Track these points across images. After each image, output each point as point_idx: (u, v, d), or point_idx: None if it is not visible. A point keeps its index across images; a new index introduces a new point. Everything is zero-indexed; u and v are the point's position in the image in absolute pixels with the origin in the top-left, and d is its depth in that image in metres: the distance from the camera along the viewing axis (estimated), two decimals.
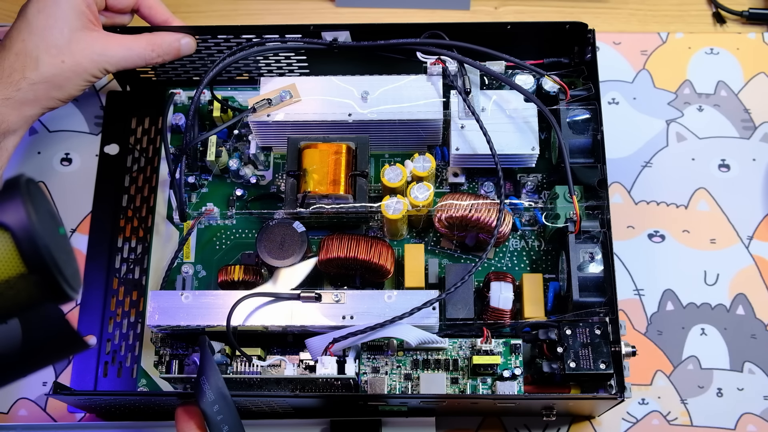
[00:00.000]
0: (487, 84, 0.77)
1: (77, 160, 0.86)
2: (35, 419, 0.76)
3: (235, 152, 0.79)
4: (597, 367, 0.66)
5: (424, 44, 0.75)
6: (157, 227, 0.79)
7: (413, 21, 0.88)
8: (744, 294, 0.79)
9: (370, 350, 0.71)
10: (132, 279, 0.79)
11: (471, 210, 0.71)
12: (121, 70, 0.73)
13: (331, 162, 0.73)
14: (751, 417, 0.76)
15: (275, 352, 0.74)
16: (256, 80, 0.82)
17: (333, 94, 0.75)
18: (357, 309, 0.68)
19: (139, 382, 0.75)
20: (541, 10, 0.93)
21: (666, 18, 0.93)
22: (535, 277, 0.72)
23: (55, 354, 0.52)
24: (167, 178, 0.78)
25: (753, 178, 0.84)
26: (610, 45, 0.89)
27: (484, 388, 0.71)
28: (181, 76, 0.84)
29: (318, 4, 0.93)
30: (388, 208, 0.72)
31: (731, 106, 0.87)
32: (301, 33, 0.77)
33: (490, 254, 0.76)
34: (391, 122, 0.75)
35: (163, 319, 0.69)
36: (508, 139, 0.73)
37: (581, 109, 0.74)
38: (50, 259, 0.43)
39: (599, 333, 0.67)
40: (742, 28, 0.91)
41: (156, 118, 0.85)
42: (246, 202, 0.79)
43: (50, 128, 0.87)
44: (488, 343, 0.70)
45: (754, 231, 0.82)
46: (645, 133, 0.86)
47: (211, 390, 0.61)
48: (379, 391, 0.69)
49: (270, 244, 0.72)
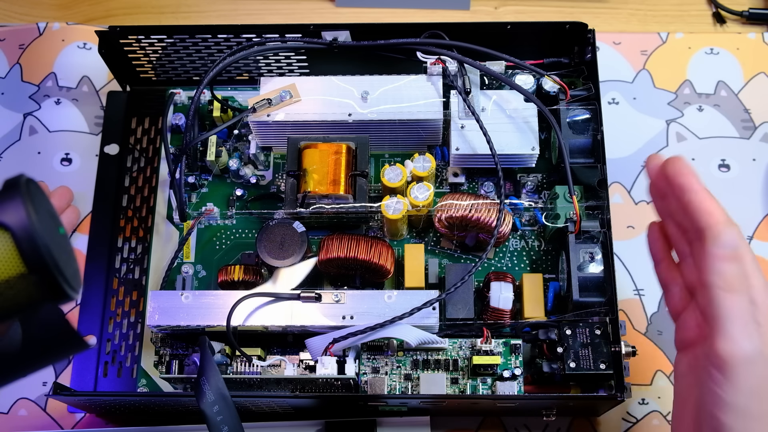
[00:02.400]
0: (487, 84, 0.77)
1: (77, 160, 0.86)
2: (35, 419, 0.76)
3: (235, 152, 0.79)
4: (597, 367, 0.66)
5: (424, 44, 0.75)
6: (157, 227, 0.79)
7: (413, 21, 0.88)
8: None
9: (370, 350, 0.71)
10: (132, 279, 0.79)
11: (471, 210, 0.71)
12: None
13: (331, 162, 0.73)
14: None
15: (275, 352, 0.74)
16: (256, 80, 0.82)
17: (333, 94, 0.75)
18: (357, 309, 0.68)
19: (139, 383, 0.75)
20: (541, 10, 0.93)
21: (666, 18, 0.93)
22: (535, 277, 0.72)
23: (55, 354, 0.52)
24: (167, 178, 0.78)
25: (753, 178, 0.84)
26: (610, 45, 0.89)
27: (484, 388, 0.71)
28: (181, 76, 0.84)
29: (318, 4, 0.93)
30: (388, 208, 0.72)
31: (731, 106, 0.86)
32: (301, 33, 0.77)
33: (490, 254, 0.76)
34: (391, 122, 0.75)
35: (163, 319, 0.69)
36: (508, 139, 0.73)
37: (581, 109, 0.74)
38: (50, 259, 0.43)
39: (599, 333, 0.67)
40: (742, 28, 0.91)
41: (156, 118, 0.84)
42: (246, 202, 0.79)
43: (50, 128, 0.87)
44: (488, 343, 0.70)
45: (754, 231, 0.82)
46: (645, 133, 0.86)
47: (211, 390, 0.61)
48: (379, 392, 0.69)
49: (270, 244, 0.72)
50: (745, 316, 0.52)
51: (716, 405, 0.52)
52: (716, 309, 0.52)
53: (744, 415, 0.52)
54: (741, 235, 0.53)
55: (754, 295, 0.52)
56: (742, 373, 0.51)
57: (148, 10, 0.94)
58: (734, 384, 0.52)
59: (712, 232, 0.53)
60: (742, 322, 0.52)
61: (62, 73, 0.89)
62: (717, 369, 0.52)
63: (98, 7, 0.94)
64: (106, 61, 0.81)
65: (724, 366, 0.52)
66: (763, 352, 0.52)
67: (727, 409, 0.52)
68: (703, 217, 0.54)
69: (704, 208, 0.54)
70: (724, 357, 0.52)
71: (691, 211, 0.55)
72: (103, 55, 0.79)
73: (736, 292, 0.52)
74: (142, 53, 0.80)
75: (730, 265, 0.52)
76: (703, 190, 0.55)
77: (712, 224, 0.53)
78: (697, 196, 0.54)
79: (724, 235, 0.52)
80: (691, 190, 0.55)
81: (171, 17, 0.93)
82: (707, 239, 0.53)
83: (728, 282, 0.52)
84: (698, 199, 0.54)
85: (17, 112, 0.88)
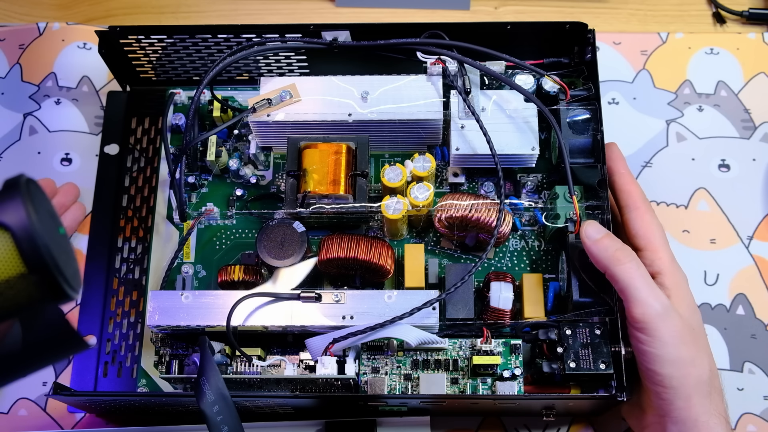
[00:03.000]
0: (487, 84, 0.77)
1: (77, 160, 0.86)
2: (35, 419, 0.76)
3: (235, 152, 0.79)
4: (597, 367, 0.66)
5: (424, 44, 0.75)
6: (157, 227, 0.79)
7: (413, 21, 0.88)
8: (744, 294, 0.79)
9: (370, 350, 0.71)
10: (132, 279, 0.79)
11: (471, 210, 0.71)
12: None
13: (331, 162, 0.73)
14: (751, 417, 0.76)
15: (275, 352, 0.74)
16: (256, 80, 0.82)
17: (333, 94, 0.75)
18: (357, 309, 0.68)
19: (139, 382, 0.75)
20: (541, 10, 0.93)
21: (666, 18, 0.93)
22: (535, 277, 0.72)
23: (55, 354, 0.52)
24: (167, 178, 0.78)
25: (753, 178, 0.84)
26: (610, 45, 0.89)
27: (484, 388, 0.71)
28: (181, 76, 0.84)
29: (318, 4, 0.93)
30: (388, 208, 0.72)
31: (731, 106, 0.86)
32: (301, 33, 0.77)
33: (490, 254, 0.76)
34: (391, 122, 0.75)
35: (163, 319, 0.69)
36: (508, 139, 0.73)
37: (581, 109, 0.74)
38: (50, 259, 0.43)
39: (599, 333, 0.67)
40: (742, 28, 0.91)
41: (156, 118, 0.84)
42: (246, 202, 0.79)
43: (50, 128, 0.87)
44: (488, 343, 0.70)
45: (754, 231, 0.82)
46: (645, 133, 0.86)
47: (211, 390, 0.61)
48: (379, 392, 0.69)
49: (270, 244, 0.72)
50: (648, 281, 0.62)
51: (650, 361, 0.62)
52: (619, 282, 0.63)
53: (675, 362, 0.61)
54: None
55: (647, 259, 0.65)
56: (660, 327, 0.61)
57: (148, 10, 0.94)
58: (657, 338, 0.61)
59: (581, 231, 0.66)
60: (648, 288, 0.62)
61: (62, 73, 0.89)
62: (639, 331, 0.62)
63: (98, 7, 0.94)
64: (106, 61, 0.81)
65: (644, 326, 0.61)
66: (673, 307, 0.63)
67: (659, 360, 0.61)
68: (623, 197, 0.70)
69: (626, 189, 0.70)
70: (641, 319, 0.61)
71: (616, 192, 0.70)
72: (103, 55, 0.79)
73: (625, 263, 0.63)
74: (142, 53, 0.80)
75: (603, 244, 0.64)
76: (627, 173, 0.70)
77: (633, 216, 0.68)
78: (620, 178, 0.70)
79: (589, 228, 0.66)
80: (614, 172, 0.70)
81: (171, 17, 0.93)
82: (582, 239, 0.66)
83: (612, 257, 0.63)
84: (622, 181, 0.70)
85: (17, 112, 0.88)
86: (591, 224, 0.66)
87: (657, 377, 0.62)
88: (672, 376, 0.62)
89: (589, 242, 0.65)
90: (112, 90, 0.87)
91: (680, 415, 0.62)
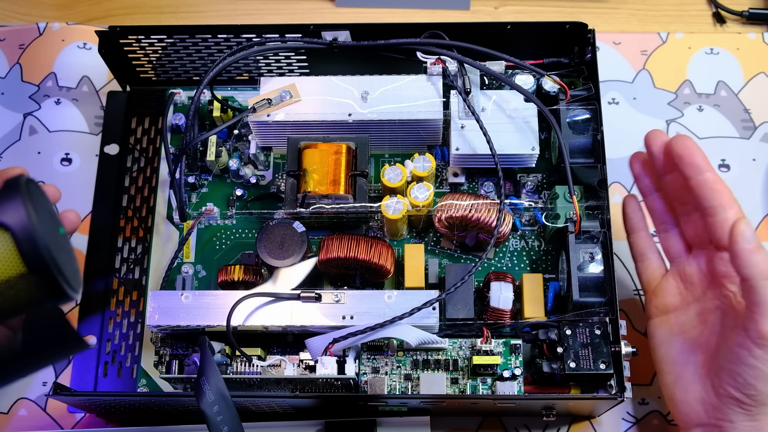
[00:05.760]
0: (487, 84, 0.77)
1: (77, 160, 0.86)
2: (35, 419, 0.76)
3: (235, 152, 0.79)
4: (597, 367, 0.66)
5: (424, 44, 0.75)
6: (157, 227, 0.79)
7: (413, 21, 0.88)
8: None
9: (370, 350, 0.71)
10: (132, 279, 0.79)
11: (471, 210, 0.71)
12: None
13: (331, 162, 0.73)
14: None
15: (275, 352, 0.74)
16: (256, 80, 0.82)
17: (333, 94, 0.75)
18: (357, 309, 0.68)
19: (139, 382, 0.75)
20: (541, 10, 0.93)
21: (666, 18, 0.93)
22: (535, 277, 0.72)
23: (55, 354, 0.52)
24: (167, 178, 0.78)
25: (753, 178, 0.84)
26: (610, 45, 0.89)
27: (484, 388, 0.71)
28: (181, 76, 0.84)
29: (318, 4, 0.93)
30: (388, 208, 0.72)
31: (731, 106, 0.87)
32: (301, 33, 0.77)
33: (490, 254, 0.76)
34: (391, 122, 0.75)
35: (163, 319, 0.69)
36: (508, 139, 0.73)
37: (581, 109, 0.74)
38: (50, 259, 0.43)
39: (599, 333, 0.67)
40: (742, 28, 0.91)
41: (156, 118, 0.84)
42: (246, 202, 0.79)
43: (50, 128, 0.87)
44: (488, 343, 0.70)
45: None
46: (645, 133, 0.85)
47: (211, 390, 0.61)
48: (379, 392, 0.69)
49: (270, 244, 0.72)
50: None
51: (756, 377, 0.61)
52: (758, 296, 0.59)
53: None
54: None
55: None
56: None
57: (148, 10, 0.94)
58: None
59: (737, 229, 0.60)
60: None
61: (62, 73, 0.89)
62: (759, 347, 0.60)
63: (98, 7, 0.94)
64: (106, 61, 0.81)
65: (765, 344, 0.59)
66: None
67: (764, 379, 0.61)
68: (716, 196, 0.64)
69: (717, 189, 0.64)
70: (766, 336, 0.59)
71: (702, 190, 0.64)
72: (103, 55, 0.79)
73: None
74: (142, 53, 0.80)
75: (758, 255, 0.60)
76: (713, 171, 0.65)
77: (729, 216, 0.63)
78: (709, 176, 0.64)
79: (747, 230, 0.60)
80: (703, 169, 0.65)
81: (171, 17, 0.93)
82: (734, 237, 0.60)
83: (764, 270, 0.59)
84: (712, 179, 0.64)
85: (17, 112, 0.88)
86: (748, 225, 0.61)
87: (753, 391, 0.61)
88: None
89: (745, 245, 0.60)
90: (112, 90, 0.87)
91: (756, 425, 0.63)
